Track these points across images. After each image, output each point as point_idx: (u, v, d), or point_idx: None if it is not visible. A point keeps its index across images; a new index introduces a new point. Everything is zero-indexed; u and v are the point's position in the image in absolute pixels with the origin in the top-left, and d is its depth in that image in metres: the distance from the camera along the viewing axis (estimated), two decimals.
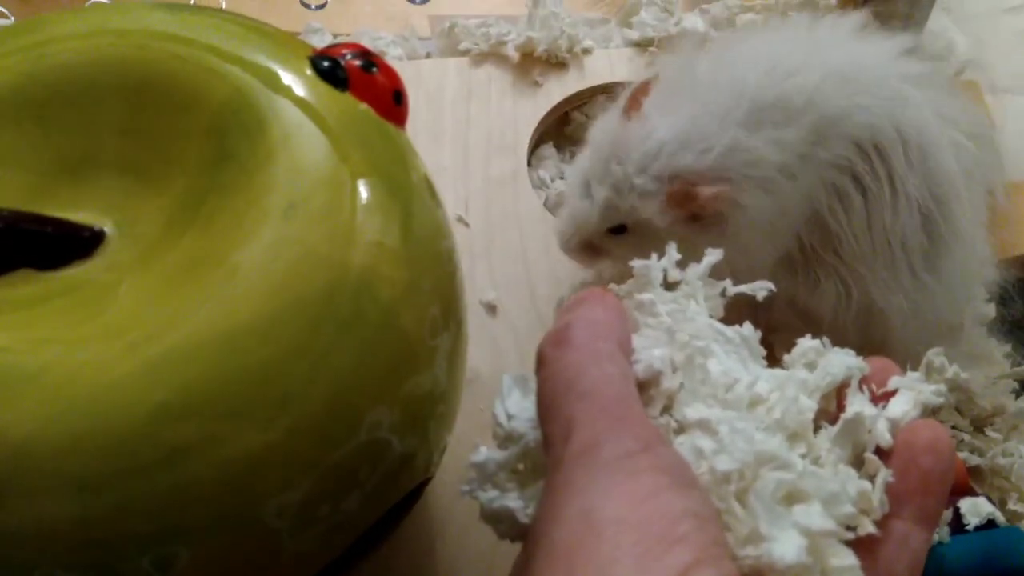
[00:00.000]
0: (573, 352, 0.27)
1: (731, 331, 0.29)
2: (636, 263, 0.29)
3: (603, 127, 0.48)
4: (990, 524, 0.41)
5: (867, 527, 0.25)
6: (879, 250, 0.44)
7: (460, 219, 0.56)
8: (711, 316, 0.29)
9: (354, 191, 0.31)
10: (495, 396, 0.29)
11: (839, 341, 0.29)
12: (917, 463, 0.27)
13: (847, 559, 0.24)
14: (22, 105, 0.32)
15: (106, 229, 0.31)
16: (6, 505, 0.25)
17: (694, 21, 0.67)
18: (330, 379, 0.28)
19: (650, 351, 0.27)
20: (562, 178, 0.61)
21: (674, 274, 0.29)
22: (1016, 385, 0.52)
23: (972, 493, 0.41)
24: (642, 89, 0.47)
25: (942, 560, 0.37)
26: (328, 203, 0.30)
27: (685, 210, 0.44)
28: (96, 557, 0.26)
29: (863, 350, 0.29)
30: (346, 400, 0.29)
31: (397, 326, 0.30)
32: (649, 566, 0.22)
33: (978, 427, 0.50)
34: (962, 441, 0.49)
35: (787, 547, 0.23)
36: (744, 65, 0.46)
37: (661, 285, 0.29)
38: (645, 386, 0.27)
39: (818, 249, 0.45)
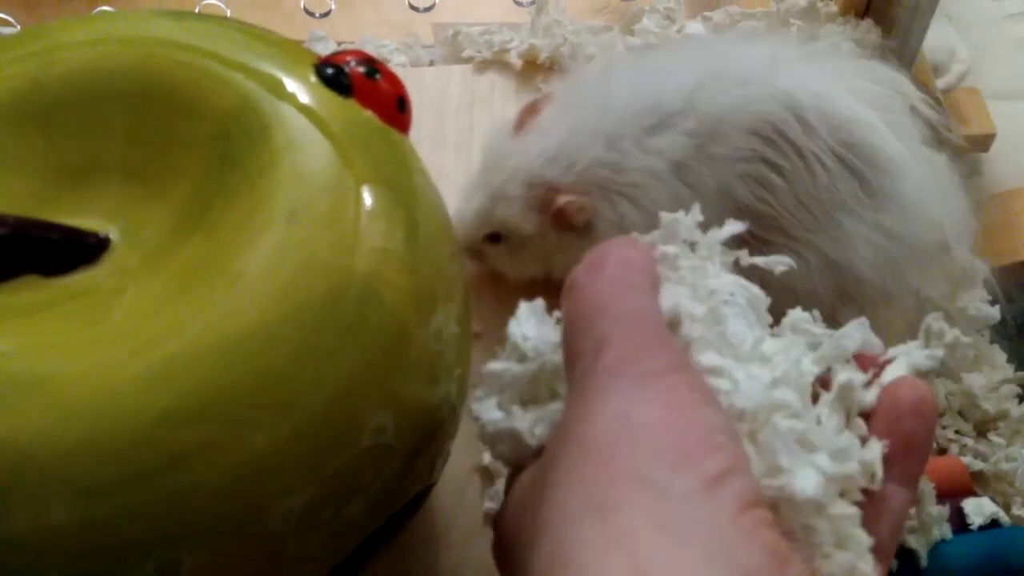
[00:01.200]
0: (607, 279, 0.28)
1: (754, 288, 0.29)
2: (664, 215, 0.30)
3: (494, 139, 0.50)
4: (993, 524, 0.41)
5: (856, 496, 0.26)
6: (816, 213, 0.45)
7: None
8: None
9: (358, 197, 0.31)
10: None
11: (817, 305, 0.30)
12: (900, 425, 0.27)
13: (848, 508, 0.25)
14: (28, 112, 0.32)
15: (111, 235, 0.31)
16: (9, 511, 0.25)
17: (696, 28, 0.67)
18: (334, 384, 0.28)
19: (673, 298, 0.28)
20: None
21: (696, 235, 0.30)
22: (1019, 390, 0.52)
23: (974, 495, 0.41)
24: (530, 109, 0.49)
25: (946, 559, 0.37)
26: (332, 209, 0.30)
27: (549, 215, 0.47)
28: (99, 563, 0.26)
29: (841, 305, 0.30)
30: (350, 405, 0.29)
31: (401, 332, 0.30)
32: (686, 467, 0.22)
33: (981, 432, 0.50)
34: (965, 446, 0.49)
35: (807, 481, 0.24)
36: (620, 80, 0.48)
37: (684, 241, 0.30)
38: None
39: (762, 236, 0.46)
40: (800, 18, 0.64)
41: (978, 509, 0.42)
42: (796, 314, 0.30)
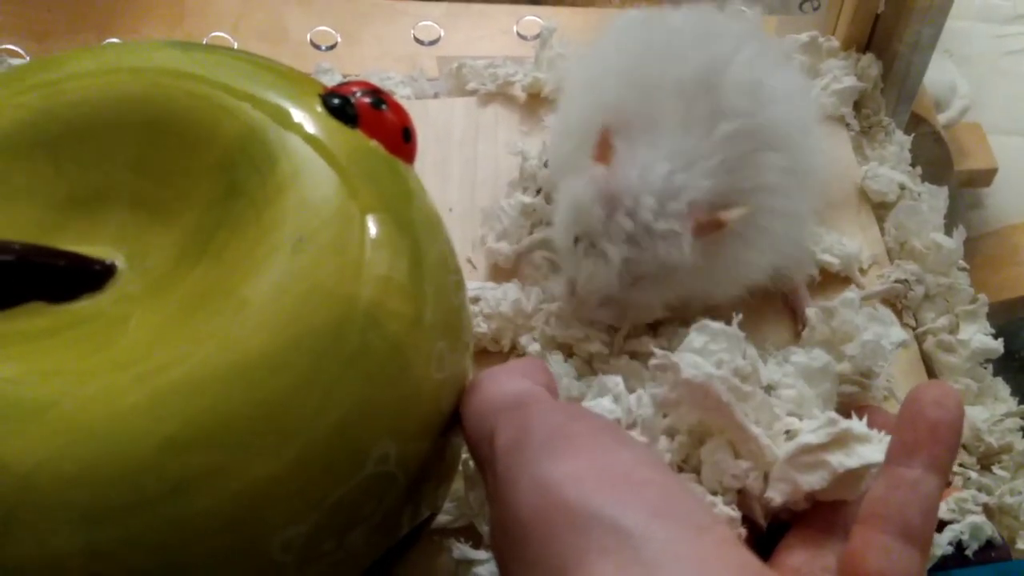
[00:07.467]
0: (478, 394, 0.30)
1: None
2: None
3: (576, 184, 0.44)
4: (988, 546, 0.42)
5: None
6: None
7: (469, 261, 0.56)
8: None
9: (363, 226, 0.31)
10: None
11: None
12: (924, 415, 0.28)
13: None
14: (36, 141, 0.32)
15: (117, 262, 0.31)
16: (11, 536, 0.25)
17: None
18: (337, 412, 0.28)
19: None
20: None
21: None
22: (1023, 423, 0.51)
23: None
24: (606, 136, 0.44)
25: None
26: (337, 238, 0.30)
27: (704, 234, 0.42)
28: None
29: None
30: (352, 434, 0.29)
31: (404, 360, 0.30)
32: (628, 501, 0.22)
33: (985, 466, 0.50)
34: (969, 479, 0.49)
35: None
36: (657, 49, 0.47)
37: None
38: None
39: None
40: (802, 52, 0.64)
41: (974, 532, 0.42)
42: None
